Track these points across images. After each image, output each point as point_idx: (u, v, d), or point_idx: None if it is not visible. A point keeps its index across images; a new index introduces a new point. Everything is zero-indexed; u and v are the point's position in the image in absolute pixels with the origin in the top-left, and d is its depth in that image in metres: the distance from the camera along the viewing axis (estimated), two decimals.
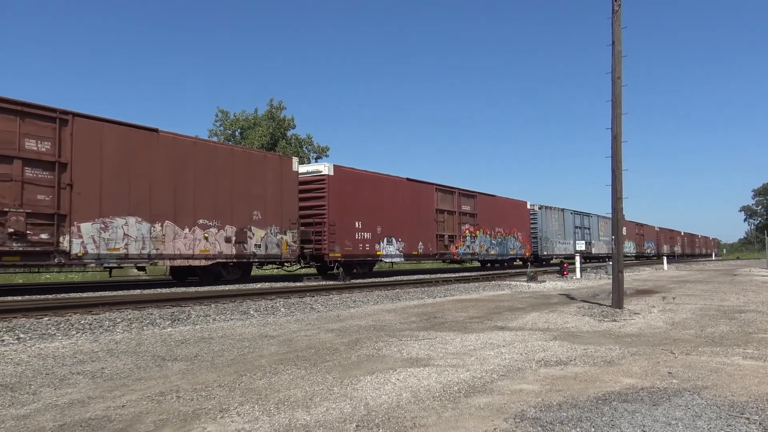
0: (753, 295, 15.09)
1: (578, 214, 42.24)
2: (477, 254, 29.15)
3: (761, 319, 9.94)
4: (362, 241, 21.51)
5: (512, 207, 33.41)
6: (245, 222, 17.90)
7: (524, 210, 34.88)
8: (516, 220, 33.39)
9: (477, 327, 8.93)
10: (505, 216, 32.17)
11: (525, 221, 34.54)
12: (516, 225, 33.29)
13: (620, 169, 11.64)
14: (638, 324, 9.34)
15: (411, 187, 24.68)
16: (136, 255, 14.98)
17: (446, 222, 26.75)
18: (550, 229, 37.06)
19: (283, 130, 43.67)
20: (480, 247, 29.33)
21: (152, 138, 15.55)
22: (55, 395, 4.72)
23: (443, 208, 26.59)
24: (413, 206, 24.58)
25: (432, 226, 25.68)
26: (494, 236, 30.78)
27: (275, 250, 18.89)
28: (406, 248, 23.96)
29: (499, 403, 4.45)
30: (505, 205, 32.63)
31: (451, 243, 26.84)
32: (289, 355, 6.47)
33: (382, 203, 22.72)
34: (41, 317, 9.40)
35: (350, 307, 12.04)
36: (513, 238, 32.92)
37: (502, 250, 31.67)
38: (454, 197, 27.61)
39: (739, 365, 5.92)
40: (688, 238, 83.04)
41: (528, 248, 34.56)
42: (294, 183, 19.85)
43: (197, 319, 9.85)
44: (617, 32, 11.73)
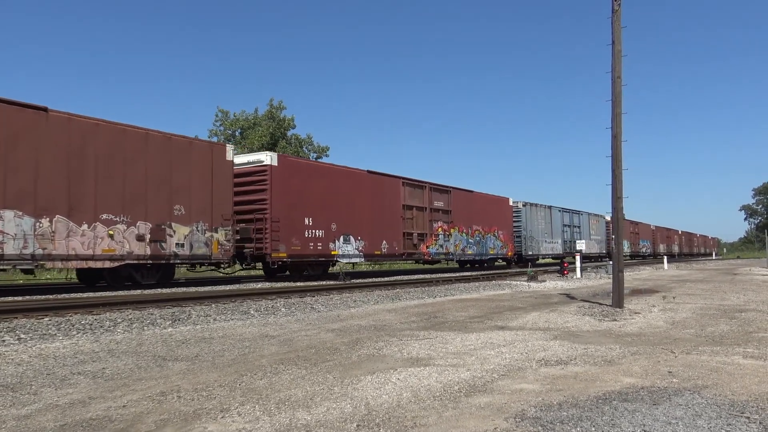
0: (753, 294, 15.10)
1: (567, 211, 40.64)
2: (451, 254, 27.29)
3: (761, 318, 9.94)
4: (313, 240, 19.62)
5: (492, 203, 31.59)
6: (164, 217, 15.64)
7: (506, 207, 33.14)
8: (497, 218, 31.63)
9: (477, 326, 8.93)
10: (485, 213, 30.32)
11: (507, 219, 32.88)
12: (497, 223, 31.56)
13: (620, 168, 11.64)
14: (639, 323, 9.34)
15: (373, 181, 22.70)
16: (15, 256, 12.56)
17: (415, 219, 24.80)
18: (536, 227, 35.32)
19: (283, 130, 43.70)
20: (455, 246, 27.44)
21: (39, 118, 13.34)
22: (56, 395, 4.73)
23: (412, 203, 24.64)
24: (376, 201, 22.58)
25: (398, 224, 23.70)
26: (471, 234, 28.88)
27: (203, 250, 16.71)
28: (367, 247, 22.11)
29: (499, 402, 4.45)
30: (485, 202, 30.76)
31: (421, 242, 24.97)
32: (290, 355, 6.48)
33: (338, 198, 20.83)
34: (42, 317, 9.41)
35: (350, 307, 12.05)
36: (493, 237, 31.09)
37: (481, 249, 29.81)
38: (425, 192, 25.66)
39: (740, 364, 5.92)
40: (686, 237, 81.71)
41: (510, 247, 32.81)
42: (228, 174, 17.57)
43: (198, 319, 9.85)
44: (617, 31, 11.73)
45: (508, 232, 32.80)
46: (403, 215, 24.07)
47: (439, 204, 26.55)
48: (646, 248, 59.06)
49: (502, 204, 32.71)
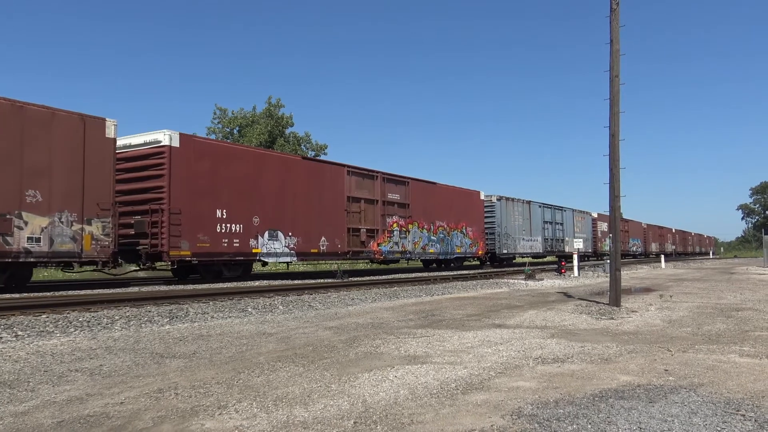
0: (750, 293, 15.14)
1: (548, 207, 37.89)
2: (409, 252, 24.43)
3: (758, 317, 9.97)
4: (228, 236, 16.77)
5: (461, 197, 28.54)
6: (9, 205, 12.58)
7: (477, 201, 29.99)
8: (466, 213, 28.54)
9: (475, 324, 8.95)
10: (451, 207, 27.32)
11: (478, 214, 29.86)
12: (465, 218, 28.48)
13: (618, 167, 11.67)
14: (635, 322, 9.37)
15: (309, 168, 20.00)
16: None
17: (364, 213, 21.99)
18: (512, 224, 32.51)
19: (281, 128, 43.69)
20: (414, 243, 24.60)
21: None
22: (53, 392, 4.73)
23: (360, 195, 21.82)
24: (313, 192, 19.86)
25: (341, 218, 20.88)
26: (434, 231, 26.05)
27: (69, 246, 13.52)
28: (301, 245, 19.32)
29: (496, 399, 4.46)
30: (450, 195, 27.74)
31: (371, 239, 22.14)
32: (287, 353, 6.49)
33: (263, 187, 18.05)
34: (39, 315, 9.39)
35: (348, 305, 12.06)
36: (461, 234, 28.09)
37: (445, 247, 26.94)
38: (376, 183, 22.79)
39: (736, 363, 5.95)
40: (680, 235, 79.02)
41: (481, 245, 29.92)
42: (107, 154, 14.49)
43: (195, 316, 9.86)
44: (615, 31, 11.75)
45: (479, 228, 29.93)
46: (349, 208, 21.23)
47: (395, 196, 23.76)
48: (636, 247, 56.96)
49: (472, 198, 29.73)
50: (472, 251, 29.34)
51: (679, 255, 75.48)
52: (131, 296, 11.99)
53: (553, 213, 38.67)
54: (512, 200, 32.84)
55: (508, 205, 32.33)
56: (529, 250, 34.52)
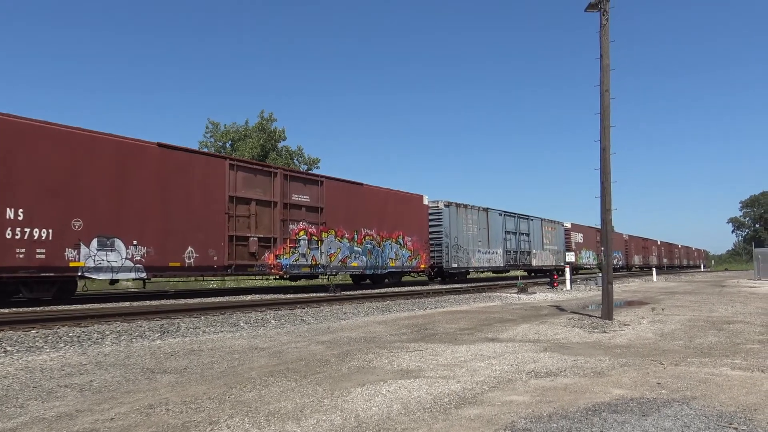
0: (741, 306, 15.21)
1: (511, 216, 34.11)
2: (322, 266, 20.21)
3: (749, 329, 10.01)
4: (28, 244, 12.62)
5: (397, 202, 24.44)
6: None
7: (419, 207, 25.92)
8: (404, 220, 24.63)
9: (467, 338, 8.93)
10: (383, 213, 23.41)
11: (420, 222, 25.84)
12: (403, 226, 24.52)
13: (609, 181, 11.74)
14: (628, 335, 9.38)
15: (168, 159, 15.56)
16: None
17: (256, 218, 17.81)
18: (465, 234, 28.76)
19: (273, 142, 43.75)
20: (329, 256, 20.48)
21: None
22: (42, 408, 4.68)
23: (249, 195, 17.69)
24: (175, 189, 15.58)
25: (219, 223, 16.61)
26: (358, 241, 22.00)
27: None
28: (154, 256, 15.00)
29: (489, 414, 4.45)
30: (383, 199, 23.67)
31: (265, 249, 17.98)
32: (280, 367, 6.45)
33: (87, 180, 13.88)
34: (29, 330, 9.31)
35: (341, 319, 12.01)
36: (396, 245, 24.02)
37: (374, 260, 22.78)
38: (274, 181, 18.63)
39: (728, 376, 5.96)
40: (666, 247, 74.91)
41: (424, 258, 25.75)
42: None
43: (187, 331, 9.79)
44: (605, 46, 11.88)
45: (422, 238, 25.88)
46: (232, 211, 17.06)
47: (302, 198, 19.68)
48: (617, 260, 53.62)
49: (413, 203, 25.63)
50: (411, 265, 25.06)
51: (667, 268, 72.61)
52: (122, 311, 11.91)
53: (517, 222, 34.87)
54: (465, 207, 29.18)
55: (460, 213, 28.65)
56: (486, 264, 30.73)
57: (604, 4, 11.81)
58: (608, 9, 11.82)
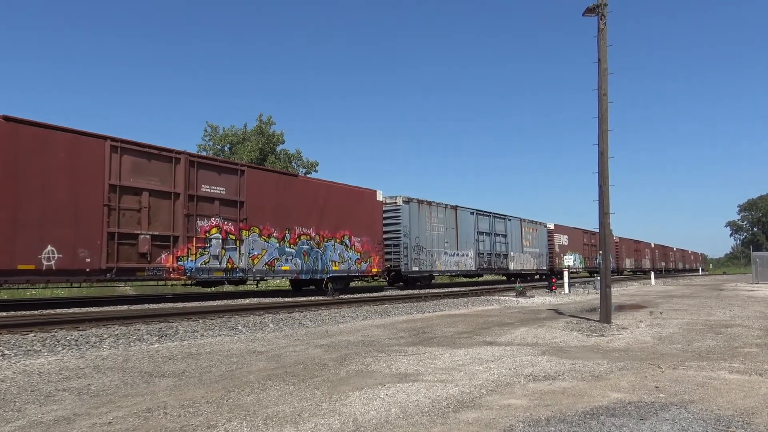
0: (739, 309, 15.22)
1: (485, 215, 31.21)
2: (241, 270, 17.24)
3: (747, 333, 10.03)
4: None
5: (343, 197, 21.48)
6: None
7: (371, 204, 22.98)
8: (352, 218, 21.72)
9: (466, 342, 8.94)
10: (323, 210, 20.46)
11: (372, 220, 22.86)
12: (351, 225, 21.63)
13: (607, 184, 11.76)
14: (626, 339, 9.39)
15: (17, 136, 12.60)
16: None
17: (149, 211, 14.80)
18: (429, 234, 25.96)
19: (272, 145, 43.78)
20: (252, 258, 17.53)
21: None
22: (40, 412, 4.67)
23: (141, 185, 14.77)
24: (29, 174, 12.73)
25: (95, 217, 13.75)
26: (291, 241, 19.00)
27: None
28: None
29: (487, 418, 4.46)
30: (324, 193, 20.65)
31: (162, 250, 15.05)
32: (278, 371, 6.45)
33: None
34: (27, 333, 9.30)
35: (339, 323, 12.01)
36: (341, 246, 21.14)
37: (312, 263, 19.85)
38: (177, 168, 15.68)
39: (726, 379, 5.97)
40: (660, 250, 71.44)
41: (376, 261, 22.86)
42: None
43: (185, 334, 9.78)
44: (603, 50, 11.92)
45: (375, 239, 22.87)
46: (113, 203, 14.16)
47: (216, 190, 16.76)
48: None
49: (363, 199, 22.65)
50: (360, 268, 22.10)
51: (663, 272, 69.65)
52: (120, 314, 11.90)
53: (492, 222, 31.91)
54: (429, 204, 26.43)
55: (423, 210, 25.89)
56: (454, 267, 27.96)
57: (602, 8, 11.86)
58: (606, 13, 11.87)
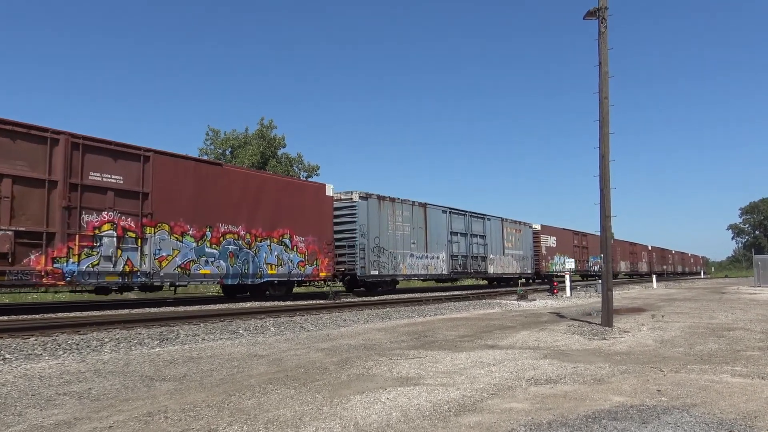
0: (741, 312, 15.19)
1: (460, 214, 28.99)
2: (144, 273, 14.89)
3: (749, 336, 10.00)
4: None
5: (280, 191, 19.09)
6: None
7: (320, 199, 20.78)
8: (295, 215, 19.44)
9: (467, 345, 8.92)
10: (257, 205, 18.18)
11: (320, 218, 20.71)
12: (292, 223, 19.35)
13: (608, 188, 11.76)
14: (628, 342, 9.37)
15: None
16: None
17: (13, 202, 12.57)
18: (392, 233, 23.76)
19: (273, 149, 43.79)
20: (159, 259, 15.30)
21: None
22: (41, 416, 4.66)
23: None
24: None
25: None
26: (213, 240, 16.73)
27: None
28: None
29: (489, 421, 4.44)
30: (256, 186, 18.33)
31: (33, 249, 12.84)
32: (279, 375, 6.44)
33: None
34: (27, 337, 9.29)
35: (340, 326, 12.00)
36: (279, 247, 18.88)
37: (243, 266, 17.56)
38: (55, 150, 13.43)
39: (728, 383, 5.95)
40: (658, 253, 69.56)
41: (325, 264, 20.69)
42: None
43: (186, 338, 9.77)
44: (604, 53, 11.92)
45: (324, 239, 20.79)
46: None
47: (110, 178, 14.40)
48: (599, 266, 45.70)
49: (308, 194, 20.34)
50: (304, 272, 19.89)
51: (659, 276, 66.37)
52: (121, 318, 11.89)
53: (468, 222, 29.58)
54: (392, 201, 24.16)
55: (384, 208, 23.60)
56: (422, 271, 25.84)
57: (603, 11, 11.87)
58: (607, 17, 11.88)
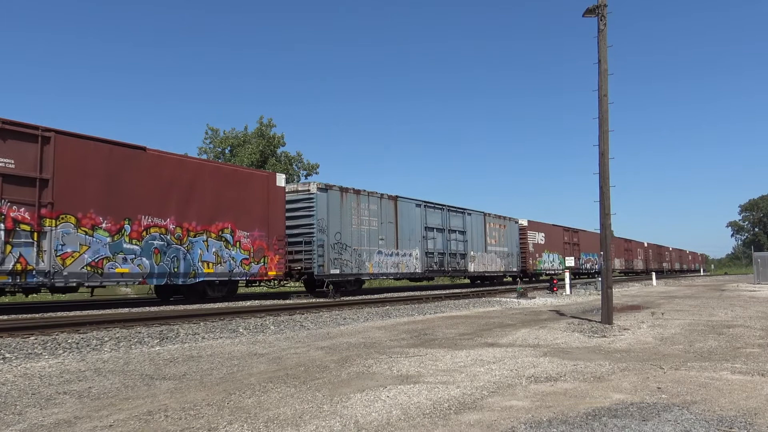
0: (741, 310, 15.20)
1: (436, 208, 27.15)
2: (42, 273, 13.26)
3: (749, 333, 10.00)
4: None
5: (220, 180, 17.36)
6: None
7: (268, 190, 19.05)
8: (237, 208, 17.77)
9: (467, 343, 8.92)
10: (190, 195, 16.43)
11: (270, 211, 18.98)
12: (235, 216, 17.70)
13: (608, 185, 11.76)
14: (628, 339, 9.37)
15: None
16: None
17: None
18: (356, 229, 21.98)
19: (272, 148, 43.76)
20: (61, 257, 13.63)
21: None
22: (41, 415, 4.66)
23: None
24: None
25: None
26: (134, 235, 15.05)
27: None
28: None
29: (489, 419, 4.44)
30: (190, 174, 16.52)
31: None
32: (279, 373, 6.44)
33: None
34: (27, 336, 9.29)
35: (340, 324, 12.00)
36: (219, 242, 17.19)
37: (171, 264, 15.88)
38: None
39: (728, 380, 5.95)
40: (654, 250, 67.80)
41: (275, 261, 18.99)
42: None
43: (186, 337, 9.77)
44: (603, 51, 11.91)
45: (273, 234, 19.05)
46: None
47: None
48: (592, 263, 46.32)
49: (254, 184, 18.63)
50: (249, 271, 18.23)
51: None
52: (121, 317, 11.90)
53: (446, 216, 27.79)
54: (357, 193, 22.37)
55: (347, 201, 21.81)
56: (392, 269, 24.03)
57: (602, 9, 11.86)
58: (606, 14, 11.87)
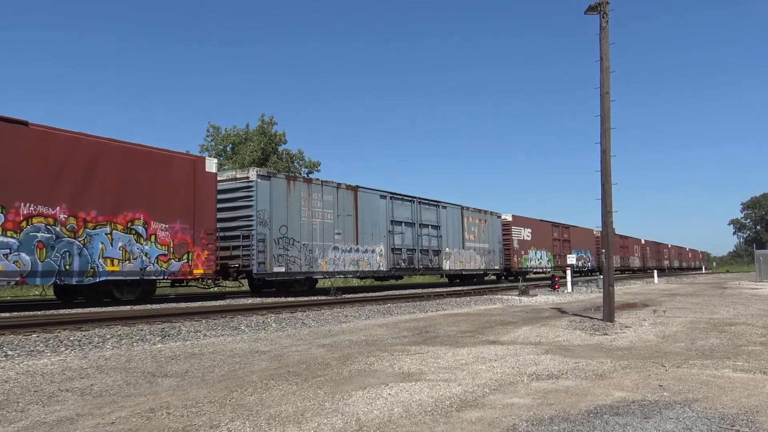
0: (743, 307, 15.18)
1: (405, 200, 24.83)
2: None
3: (751, 331, 10.00)
4: None
5: (132, 163, 15.40)
6: None
7: (194, 175, 16.89)
8: (154, 195, 15.83)
9: (469, 341, 8.92)
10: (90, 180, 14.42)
11: (196, 200, 16.86)
12: (150, 205, 15.73)
13: (609, 183, 11.75)
14: (629, 337, 9.37)
15: None
16: None
17: None
18: (305, 222, 19.77)
19: (274, 145, 43.76)
20: None
21: None
22: (43, 412, 4.67)
23: None
24: None
25: None
26: (11, 225, 12.87)
27: None
28: None
29: (491, 417, 4.44)
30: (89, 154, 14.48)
31: None
32: (281, 371, 6.44)
33: None
34: (29, 334, 9.31)
35: (342, 322, 12.01)
36: (127, 235, 15.13)
37: (63, 260, 13.75)
38: None
39: (730, 378, 5.95)
40: (652, 247, 65.64)
41: (203, 258, 16.96)
42: None
43: (188, 334, 9.79)
44: (605, 48, 11.89)
45: (201, 226, 17.00)
46: None
47: None
48: (584, 261, 43.90)
49: (175, 168, 16.56)
50: (168, 269, 16.17)
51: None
52: (123, 314, 11.91)
53: (417, 209, 25.36)
54: (308, 182, 20.73)
55: (295, 190, 19.58)
56: (351, 267, 21.77)
57: (604, 6, 11.83)
58: (608, 11, 11.84)
